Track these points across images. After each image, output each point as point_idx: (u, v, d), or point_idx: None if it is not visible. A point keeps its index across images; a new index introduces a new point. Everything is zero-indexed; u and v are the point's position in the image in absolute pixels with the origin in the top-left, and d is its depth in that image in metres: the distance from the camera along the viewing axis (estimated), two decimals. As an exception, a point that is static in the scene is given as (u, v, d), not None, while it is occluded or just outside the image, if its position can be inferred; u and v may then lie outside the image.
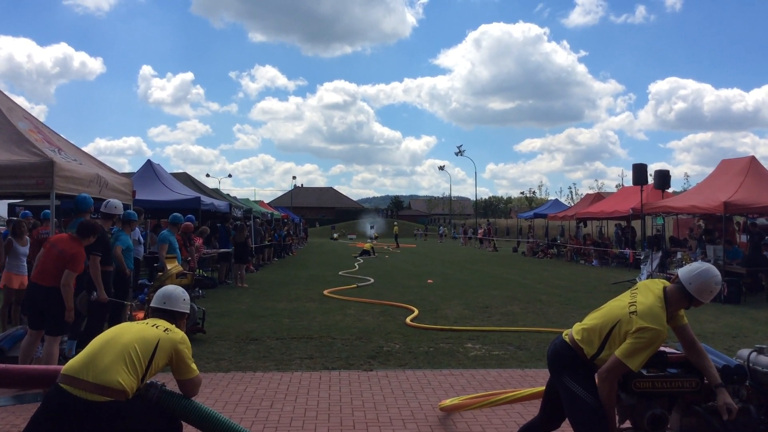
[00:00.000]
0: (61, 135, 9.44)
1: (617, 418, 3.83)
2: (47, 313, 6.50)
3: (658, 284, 3.69)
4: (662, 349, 3.76)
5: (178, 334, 3.78)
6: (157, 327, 3.76)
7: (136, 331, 3.68)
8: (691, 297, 3.55)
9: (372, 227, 56.98)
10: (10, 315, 10.02)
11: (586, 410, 3.52)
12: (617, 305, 3.67)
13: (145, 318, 8.72)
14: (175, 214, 11.49)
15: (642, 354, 3.41)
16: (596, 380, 3.53)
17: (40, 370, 4.53)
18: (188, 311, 4.08)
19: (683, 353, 3.77)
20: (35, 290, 6.57)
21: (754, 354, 3.74)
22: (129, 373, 3.50)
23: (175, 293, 4.03)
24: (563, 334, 3.85)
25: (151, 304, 4.02)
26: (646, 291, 3.66)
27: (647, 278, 18.31)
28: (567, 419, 3.71)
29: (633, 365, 3.41)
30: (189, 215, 11.46)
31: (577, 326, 3.81)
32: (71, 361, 3.56)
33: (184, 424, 3.81)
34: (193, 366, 3.71)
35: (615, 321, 3.58)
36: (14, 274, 9.86)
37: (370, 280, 18.86)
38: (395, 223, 61.25)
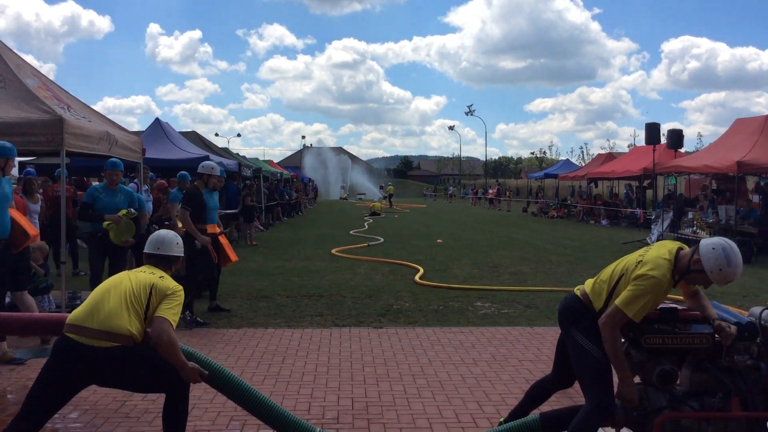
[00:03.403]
0: (70, 93, 9.38)
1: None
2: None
3: (675, 244, 3.66)
4: (673, 305, 3.75)
5: (173, 283, 3.78)
6: (153, 274, 3.78)
7: (133, 278, 3.72)
8: (697, 263, 3.43)
9: (382, 187, 56.98)
10: None
11: (592, 363, 3.53)
12: (629, 258, 3.66)
13: None
14: (182, 172, 11.48)
15: (640, 301, 3.38)
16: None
17: (44, 317, 4.57)
18: (182, 254, 4.08)
19: (696, 311, 3.76)
20: None
21: (766, 312, 3.72)
22: (132, 317, 3.54)
23: (168, 237, 4.03)
24: (575, 289, 3.84)
25: (145, 250, 4.00)
26: (660, 246, 3.64)
27: (657, 238, 18.27)
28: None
29: (631, 312, 3.39)
30: (182, 172, 11.38)
31: (589, 281, 3.80)
32: (75, 311, 3.59)
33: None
34: (174, 312, 3.64)
35: (623, 271, 3.57)
36: (26, 231, 9.93)
37: (379, 240, 18.91)
38: (389, 183, 61.46)
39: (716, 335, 3.57)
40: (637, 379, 3.82)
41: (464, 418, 4.75)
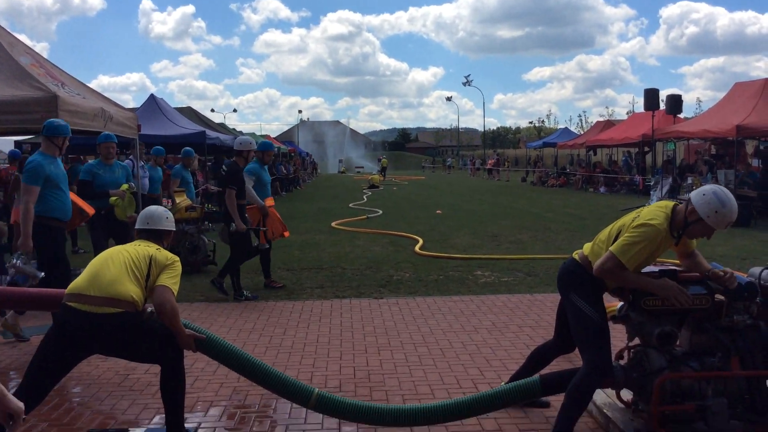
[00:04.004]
0: (64, 70, 9.30)
1: (627, 336, 3.87)
2: None
3: (671, 202, 3.67)
4: (673, 267, 3.75)
5: (170, 254, 3.80)
6: (149, 247, 3.79)
7: (131, 250, 3.73)
8: (692, 213, 3.44)
9: (380, 159, 56.94)
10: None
11: (590, 327, 3.53)
12: (625, 218, 3.67)
13: None
14: (186, 148, 11.44)
15: (634, 248, 3.38)
16: (598, 274, 3.52)
17: (41, 292, 4.56)
18: (172, 228, 4.06)
19: (695, 272, 3.76)
20: None
21: (766, 272, 3.72)
22: (134, 283, 3.55)
23: (157, 212, 4.03)
24: (574, 254, 3.84)
25: (136, 226, 4.02)
26: (656, 204, 3.65)
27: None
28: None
29: (624, 258, 3.39)
30: (186, 148, 11.37)
31: (588, 244, 3.80)
32: (75, 281, 3.59)
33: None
34: (175, 282, 3.67)
35: (620, 230, 3.58)
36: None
37: (378, 212, 18.90)
38: (383, 156, 61.41)
39: (717, 283, 3.61)
40: (637, 341, 3.84)
41: (466, 384, 4.78)
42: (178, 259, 3.81)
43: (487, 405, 3.80)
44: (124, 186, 7.73)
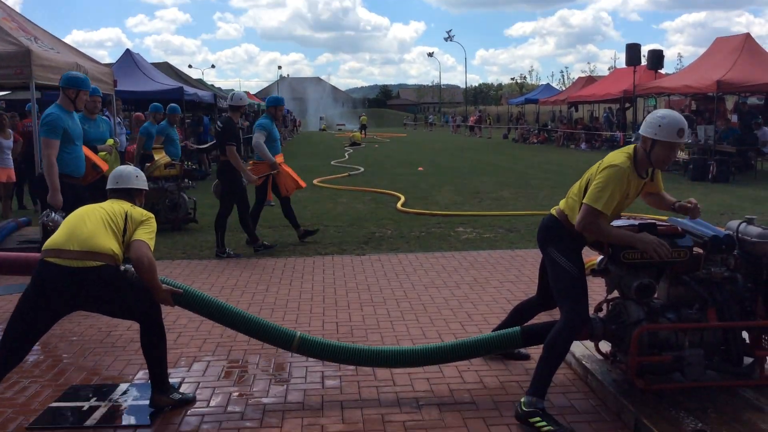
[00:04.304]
0: (37, 24, 9.05)
1: (606, 288, 3.92)
2: None
3: (632, 146, 3.72)
4: (652, 220, 3.78)
5: (144, 211, 3.76)
6: (123, 204, 3.74)
7: (106, 207, 3.69)
8: (646, 141, 3.52)
9: (360, 116, 56.55)
10: None
11: (568, 280, 3.58)
12: (593, 168, 3.72)
13: None
14: (172, 104, 11.25)
15: (605, 193, 3.43)
16: (582, 232, 3.55)
17: (16, 256, 4.49)
18: (143, 187, 4.00)
19: (670, 224, 3.81)
20: None
21: (744, 225, 3.76)
22: (111, 238, 3.51)
23: (126, 171, 3.98)
24: (551, 210, 3.87)
25: (107, 187, 3.97)
26: (618, 150, 3.73)
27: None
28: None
29: (599, 205, 3.42)
30: (154, 103, 11.19)
31: (563, 200, 3.85)
32: (51, 238, 3.53)
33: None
34: (151, 237, 3.62)
35: (588, 180, 3.65)
36: (0, 167, 9.76)
37: (360, 169, 18.83)
38: (362, 114, 60.92)
39: (683, 213, 3.80)
40: (616, 294, 3.89)
41: (448, 338, 4.83)
42: (153, 216, 3.77)
43: (468, 351, 3.86)
44: (110, 141, 7.59)
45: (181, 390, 3.92)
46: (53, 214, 5.47)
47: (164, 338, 3.67)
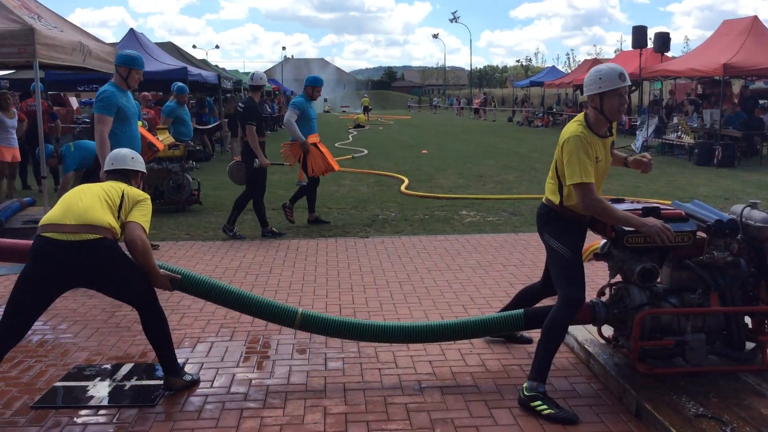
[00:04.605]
0: (40, 2, 8.99)
1: (609, 273, 3.91)
2: None
3: (580, 114, 3.76)
4: (655, 204, 3.77)
5: (141, 192, 3.76)
6: (120, 184, 3.73)
7: (103, 185, 3.69)
8: (594, 99, 3.56)
9: (362, 98, 56.33)
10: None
11: (561, 262, 3.60)
12: (557, 149, 3.73)
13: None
14: (180, 84, 11.21)
15: (576, 164, 3.45)
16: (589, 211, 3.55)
17: (11, 244, 4.35)
18: (139, 169, 4.00)
19: (674, 208, 3.79)
20: None
21: (747, 209, 3.75)
22: (108, 212, 3.49)
23: (121, 153, 4.00)
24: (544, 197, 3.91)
25: (103, 170, 3.96)
26: (569, 123, 3.77)
27: (641, 144, 18.29)
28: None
29: (580, 179, 3.43)
30: (179, 84, 11.15)
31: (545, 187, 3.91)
32: (48, 214, 3.51)
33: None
34: (146, 220, 3.62)
35: (557, 161, 3.72)
36: (5, 147, 9.76)
37: (364, 152, 18.79)
38: (365, 96, 60.56)
39: (636, 168, 3.92)
40: (619, 278, 3.89)
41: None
42: (149, 197, 3.76)
43: (471, 330, 3.88)
44: (139, 123, 7.53)
45: (186, 370, 3.94)
46: None
47: (164, 322, 3.65)
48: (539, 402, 3.39)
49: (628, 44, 27.79)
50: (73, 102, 18.77)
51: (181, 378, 3.75)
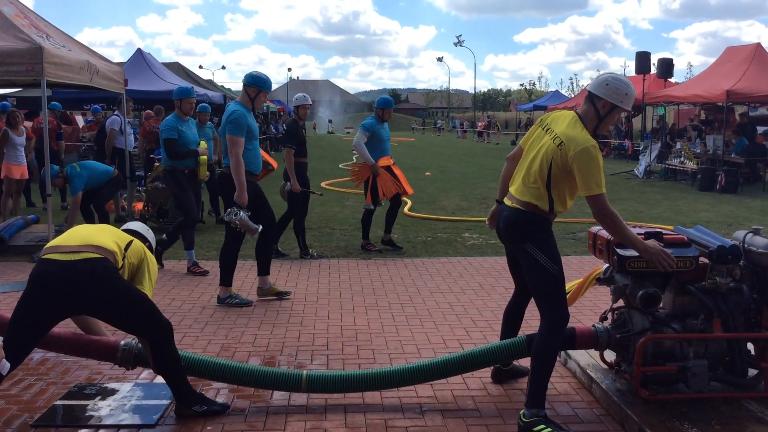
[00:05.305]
0: (49, 22, 9.11)
1: (612, 297, 3.90)
2: None
3: (566, 112, 3.63)
4: (658, 229, 3.77)
5: (145, 248, 3.78)
6: (131, 236, 3.75)
7: (112, 227, 3.76)
8: (605, 106, 3.50)
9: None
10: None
11: (549, 279, 3.44)
12: (540, 147, 3.54)
13: (144, 208, 8.66)
14: (203, 104, 11.26)
15: (595, 175, 3.30)
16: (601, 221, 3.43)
17: None
18: (150, 240, 4.02)
19: (677, 233, 3.80)
20: None
21: (750, 235, 3.75)
22: (113, 242, 3.47)
23: (139, 223, 4.15)
24: (507, 202, 3.67)
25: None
26: (557, 121, 3.57)
27: (644, 170, 18.32)
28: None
29: (600, 189, 3.31)
30: (203, 104, 11.24)
31: (516, 190, 3.62)
32: (49, 243, 3.48)
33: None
34: (149, 282, 3.62)
35: (549, 161, 3.45)
36: (14, 164, 9.82)
37: (368, 173, 18.79)
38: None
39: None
40: (621, 303, 3.89)
41: (452, 344, 4.84)
42: (153, 256, 3.84)
43: (476, 362, 3.84)
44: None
45: (216, 399, 3.84)
46: (240, 213, 5.42)
47: (176, 355, 3.56)
48: (542, 425, 3.35)
49: (631, 70, 27.97)
50: (79, 120, 18.90)
51: (191, 409, 3.61)
